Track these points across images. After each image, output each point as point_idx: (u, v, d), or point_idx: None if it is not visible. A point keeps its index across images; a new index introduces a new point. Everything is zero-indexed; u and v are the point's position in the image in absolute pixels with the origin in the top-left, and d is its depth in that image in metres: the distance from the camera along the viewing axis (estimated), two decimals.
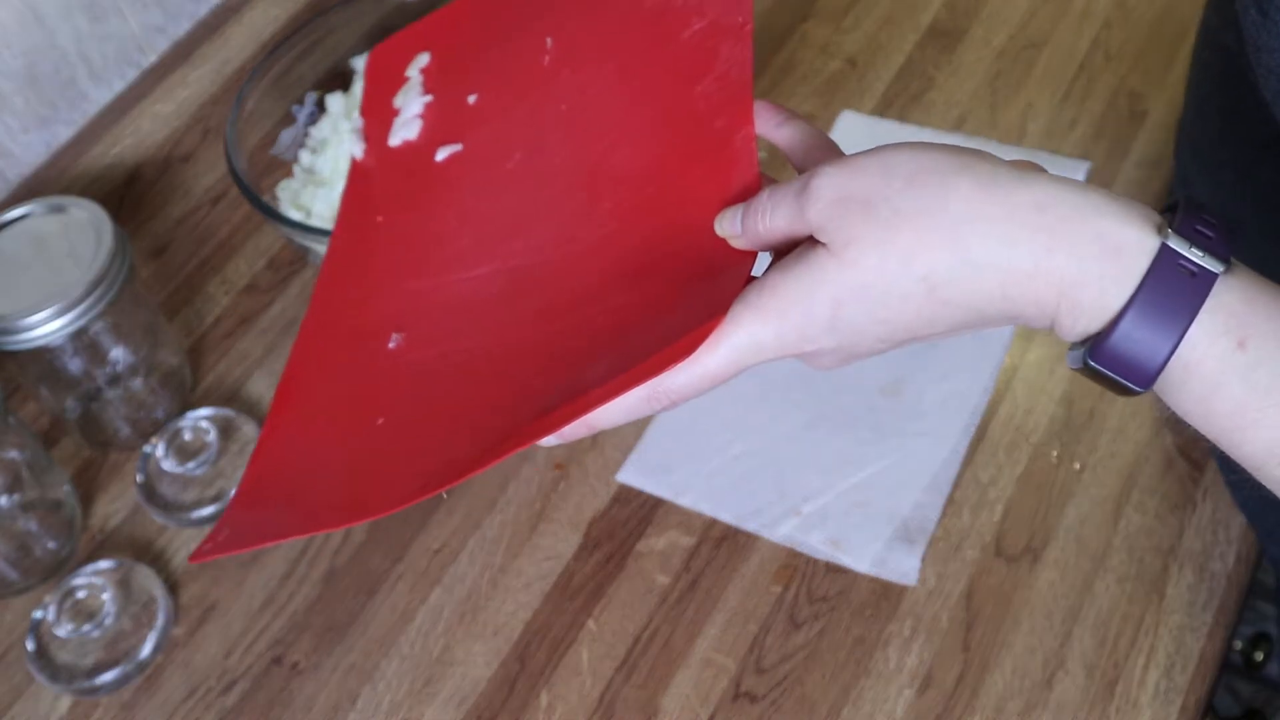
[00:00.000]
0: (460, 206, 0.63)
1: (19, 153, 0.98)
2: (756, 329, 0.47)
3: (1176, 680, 0.68)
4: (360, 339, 0.60)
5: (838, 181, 0.46)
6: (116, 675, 0.73)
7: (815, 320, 0.46)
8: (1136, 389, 0.44)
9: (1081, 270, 0.43)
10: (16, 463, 0.75)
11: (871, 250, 0.45)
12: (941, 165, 0.45)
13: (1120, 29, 0.97)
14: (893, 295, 0.45)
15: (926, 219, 0.44)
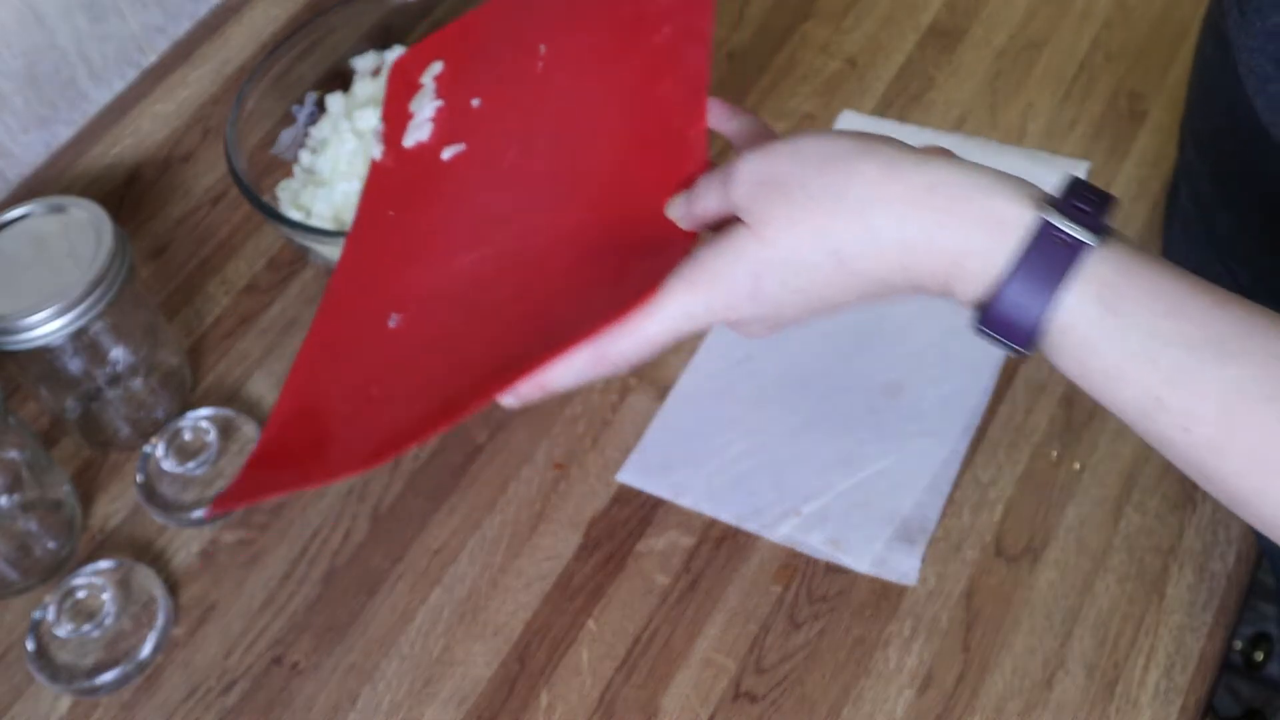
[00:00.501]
0: (460, 200, 0.69)
1: (19, 153, 0.98)
2: (687, 299, 0.53)
3: (1176, 680, 0.68)
4: (365, 321, 0.66)
5: (756, 166, 0.52)
6: (116, 675, 0.73)
7: (737, 291, 0.52)
8: (1021, 350, 0.49)
9: (968, 242, 0.48)
10: (16, 463, 0.75)
11: (785, 229, 0.51)
12: (848, 151, 0.51)
13: (1120, 29, 0.97)
14: (806, 268, 0.51)
15: (834, 200, 0.50)
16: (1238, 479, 0.46)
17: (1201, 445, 0.46)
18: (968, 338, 0.82)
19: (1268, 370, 0.45)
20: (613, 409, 0.81)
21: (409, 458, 0.80)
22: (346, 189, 0.82)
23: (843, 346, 0.82)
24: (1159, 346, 0.46)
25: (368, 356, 0.65)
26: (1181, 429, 0.46)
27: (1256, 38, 0.59)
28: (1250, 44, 0.60)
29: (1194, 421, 0.46)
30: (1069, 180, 0.49)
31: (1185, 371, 0.46)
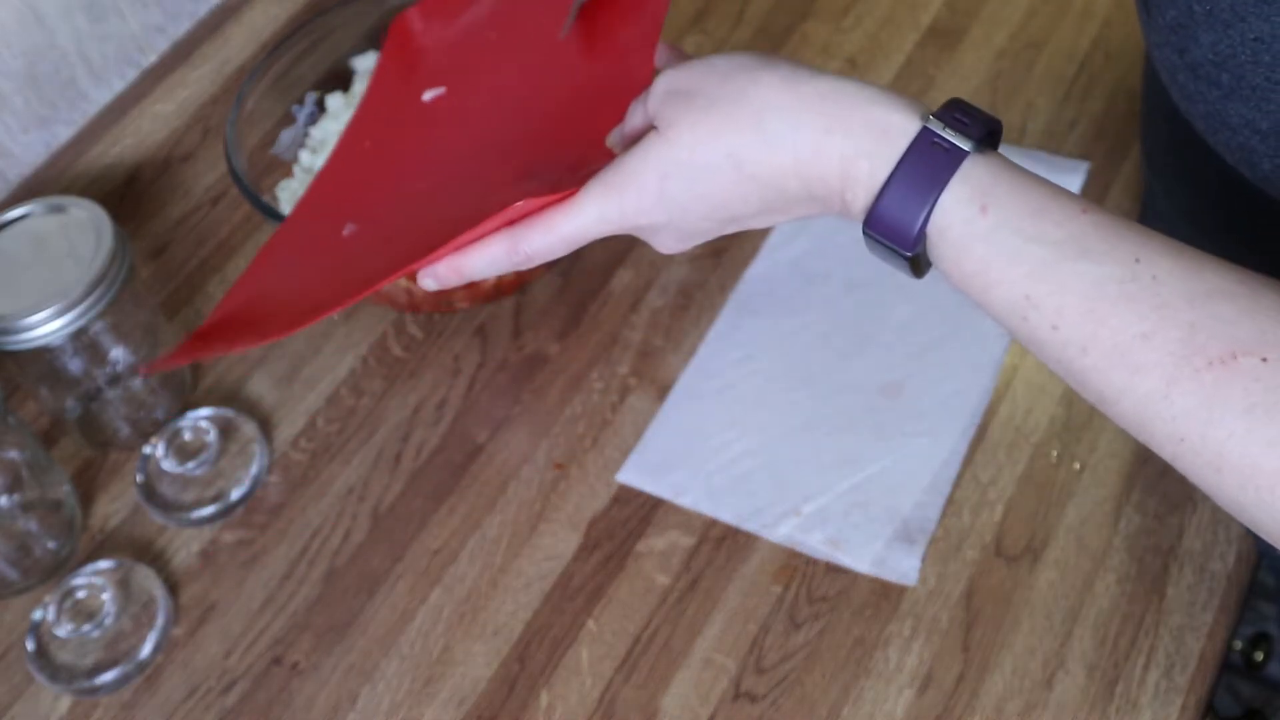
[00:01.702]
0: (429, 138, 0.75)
1: (19, 153, 0.98)
2: (602, 200, 0.56)
3: (1176, 680, 0.68)
4: (321, 230, 0.72)
5: (670, 78, 0.56)
6: (116, 675, 0.73)
7: (646, 192, 0.55)
8: (904, 252, 0.51)
9: (855, 148, 0.51)
10: (16, 463, 0.75)
11: (687, 130, 0.53)
12: (752, 63, 0.54)
13: (1120, 29, 0.97)
14: (706, 170, 0.53)
15: (733, 105, 0.53)
16: (1101, 376, 0.47)
17: (1069, 344, 0.48)
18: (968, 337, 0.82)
19: (1127, 269, 0.47)
20: (613, 409, 0.81)
21: (409, 457, 0.80)
22: None
23: (843, 346, 0.82)
24: (1024, 244, 0.48)
25: (318, 259, 0.70)
26: (1050, 327, 0.48)
27: (1161, 33, 0.61)
28: (1157, 40, 0.62)
29: (1060, 319, 0.48)
30: (951, 100, 0.52)
31: (1049, 268, 0.48)
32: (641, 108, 0.57)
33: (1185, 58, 0.60)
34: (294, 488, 0.80)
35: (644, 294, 0.86)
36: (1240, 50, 0.55)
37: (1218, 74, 0.57)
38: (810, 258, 0.86)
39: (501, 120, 0.71)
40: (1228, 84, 0.57)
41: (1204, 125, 0.62)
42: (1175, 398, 0.45)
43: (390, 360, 0.85)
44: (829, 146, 0.51)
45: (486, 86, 0.74)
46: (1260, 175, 0.59)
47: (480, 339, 0.85)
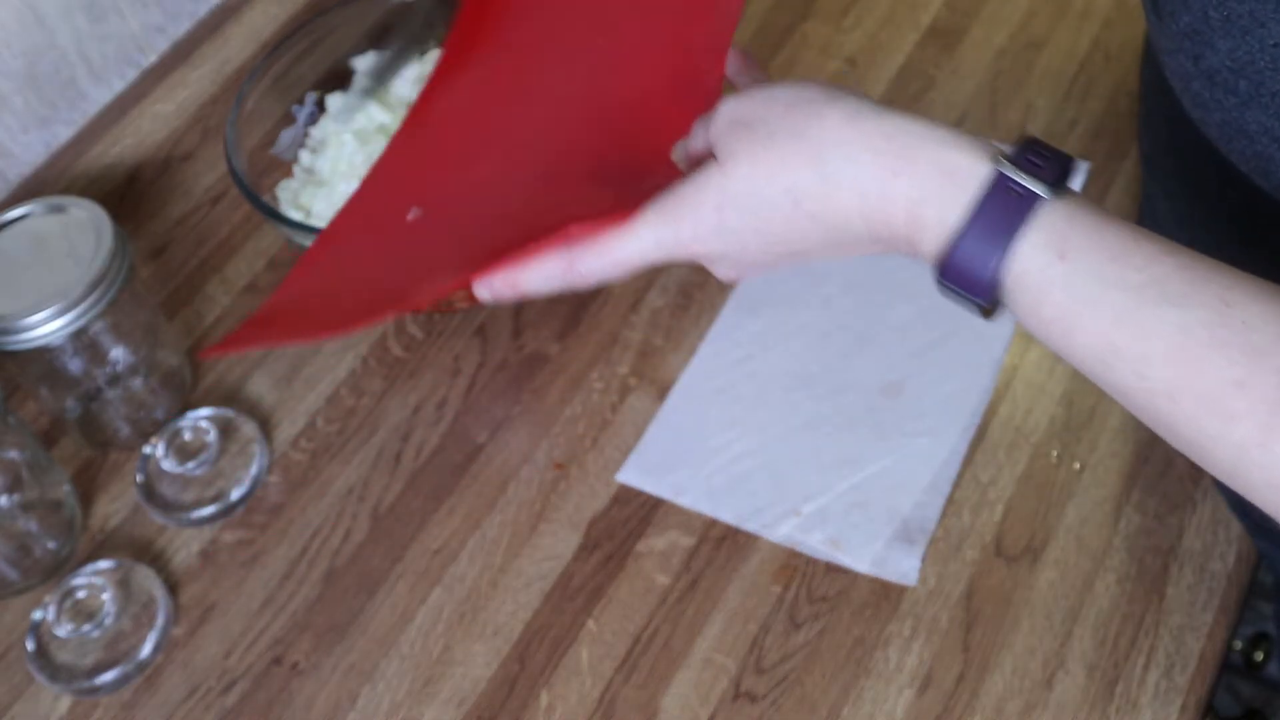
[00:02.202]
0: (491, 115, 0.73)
1: (19, 153, 0.98)
2: (659, 226, 0.55)
3: (1176, 680, 0.68)
4: (386, 210, 0.70)
5: (732, 107, 0.55)
6: (116, 675, 0.73)
7: (703, 223, 0.54)
8: (980, 302, 0.50)
9: (922, 192, 0.49)
10: (16, 463, 0.75)
11: (746, 163, 0.52)
12: (815, 97, 0.52)
13: (1120, 29, 0.97)
14: (764, 205, 0.52)
15: (794, 140, 0.52)
16: (1191, 424, 0.46)
17: (1156, 392, 0.46)
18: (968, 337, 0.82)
19: (1215, 313, 0.45)
20: (613, 409, 0.81)
21: (409, 457, 0.80)
22: (346, 189, 0.82)
23: (843, 346, 0.82)
24: (1104, 289, 0.47)
25: (381, 244, 0.69)
26: (1136, 375, 0.47)
27: (1174, 39, 0.60)
28: (1169, 46, 0.61)
29: (1146, 367, 0.46)
30: (1024, 138, 0.51)
31: (1132, 314, 0.46)
32: (704, 130, 0.56)
33: (1200, 64, 0.58)
34: (294, 488, 0.80)
35: (644, 294, 0.86)
36: (1259, 57, 0.54)
37: (1235, 81, 0.56)
38: None
39: (570, 108, 0.69)
40: (1245, 91, 0.56)
41: (1218, 133, 0.61)
42: (1273, 445, 0.44)
43: (390, 360, 0.85)
44: (894, 189, 0.50)
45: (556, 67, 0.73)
46: (1275, 184, 0.58)
47: (480, 339, 0.85)
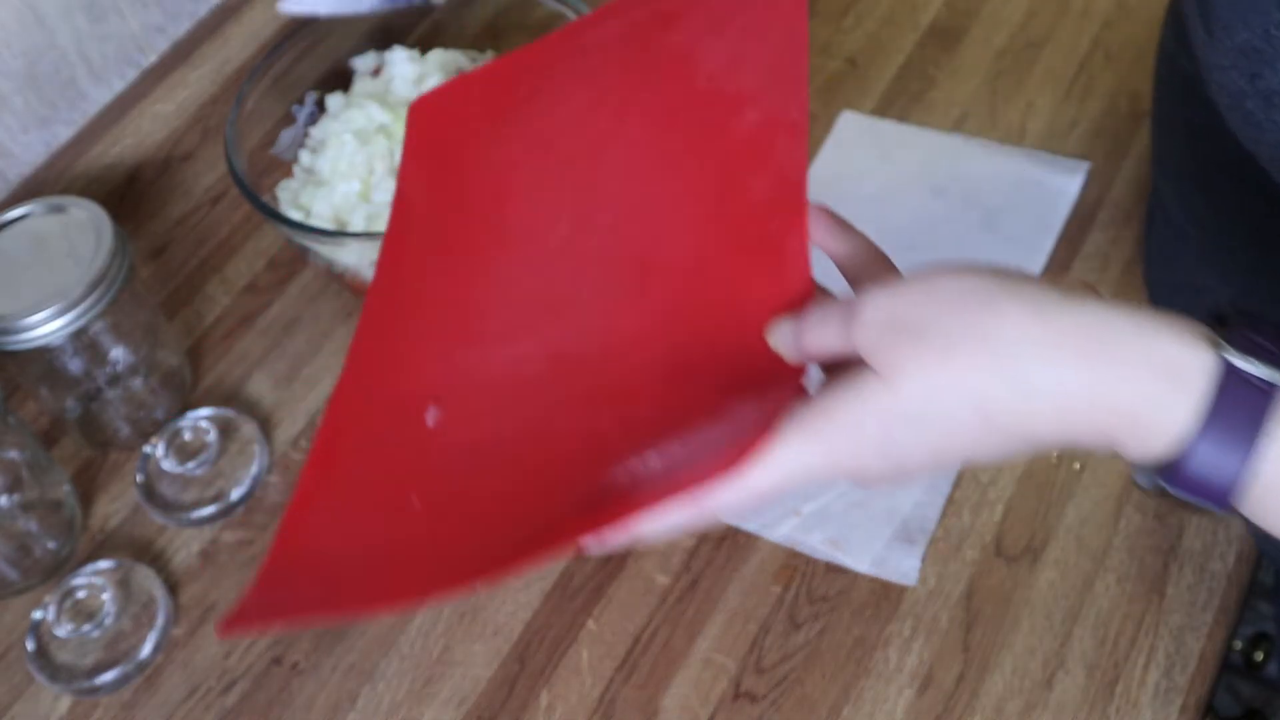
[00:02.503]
0: (503, 275, 0.60)
1: (19, 153, 0.98)
2: (806, 450, 0.46)
3: (1176, 680, 0.68)
4: (397, 408, 0.57)
5: (883, 306, 0.46)
6: (116, 675, 0.73)
7: (865, 444, 0.46)
8: (1215, 509, 0.44)
9: (1140, 395, 0.43)
10: (16, 463, 0.75)
11: (920, 377, 0.45)
12: (988, 289, 0.45)
13: (1120, 29, 0.97)
14: (944, 422, 0.45)
15: (975, 346, 0.44)
16: None
17: None
18: None
19: None
20: None
21: None
22: (346, 189, 0.82)
23: None
24: None
25: (402, 455, 0.56)
26: None
27: (1227, 56, 0.57)
28: (1221, 63, 0.58)
29: None
30: (1228, 308, 0.44)
31: None
32: (839, 327, 0.47)
33: (1257, 84, 0.56)
34: (294, 488, 0.80)
35: None
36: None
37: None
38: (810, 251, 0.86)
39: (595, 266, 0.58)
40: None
41: (1270, 153, 0.58)
42: None
43: None
44: (1104, 394, 0.43)
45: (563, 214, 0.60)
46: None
47: None
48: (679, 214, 0.57)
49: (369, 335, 0.61)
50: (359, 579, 0.52)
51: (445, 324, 0.59)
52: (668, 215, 0.57)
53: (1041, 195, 0.87)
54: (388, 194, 0.81)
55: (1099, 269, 0.83)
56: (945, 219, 0.86)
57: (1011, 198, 0.87)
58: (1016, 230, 0.85)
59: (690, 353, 0.53)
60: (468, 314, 0.59)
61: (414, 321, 0.60)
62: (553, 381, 0.55)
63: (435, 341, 0.59)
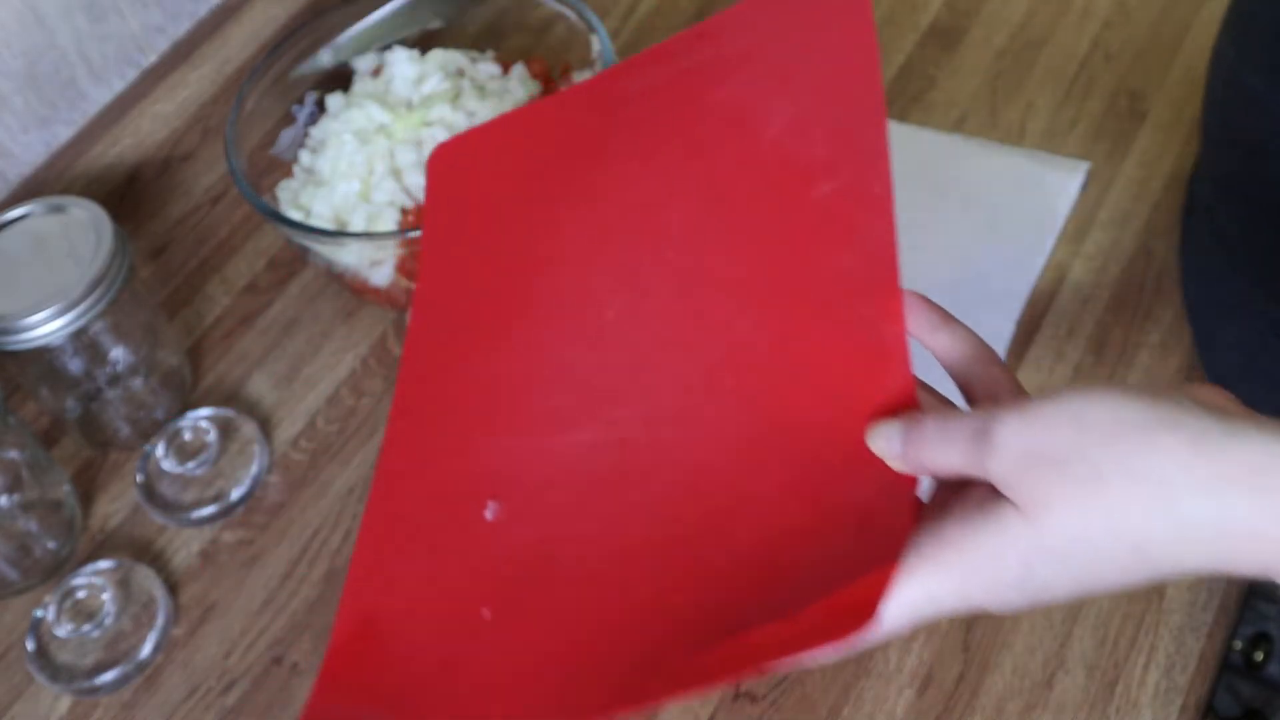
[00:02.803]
0: (553, 351, 0.55)
1: (19, 153, 0.98)
2: (935, 585, 0.44)
3: (1176, 680, 0.68)
4: (452, 501, 0.53)
5: (1023, 435, 0.43)
6: (116, 675, 0.73)
7: (1003, 581, 0.43)
8: None
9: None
10: (16, 463, 0.75)
11: (1070, 514, 0.42)
12: (1143, 419, 0.42)
13: (1120, 29, 0.97)
14: (1094, 559, 0.42)
15: (1132, 481, 0.41)
16: None
17: None
18: None
19: None
20: None
21: None
22: (346, 189, 0.82)
23: None
24: None
25: (466, 557, 0.51)
26: None
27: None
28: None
29: None
30: None
31: None
32: (968, 449, 0.44)
33: None
34: (294, 488, 0.80)
35: None
36: None
37: None
38: None
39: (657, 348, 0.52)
40: None
41: None
42: None
43: (390, 360, 0.85)
44: (1268, 526, 0.40)
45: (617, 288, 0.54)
46: None
47: None
48: (752, 290, 0.51)
49: (408, 411, 0.56)
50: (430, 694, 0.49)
51: (492, 405, 0.54)
52: (739, 291, 0.52)
53: (1041, 195, 0.87)
54: (388, 194, 0.81)
55: (1099, 269, 0.83)
56: (945, 219, 0.86)
57: (1011, 198, 0.87)
58: (1016, 230, 0.85)
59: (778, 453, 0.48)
60: (516, 395, 0.54)
61: (456, 399, 0.55)
62: (622, 478, 0.50)
63: (483, 425, 0.54)
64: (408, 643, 0.50)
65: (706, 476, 0.49)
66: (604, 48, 0.84)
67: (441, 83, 0.85)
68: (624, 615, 0.47)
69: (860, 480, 0.46)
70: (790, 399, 0.49)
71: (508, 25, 0.92)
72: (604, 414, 0.52)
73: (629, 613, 0.47)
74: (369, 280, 0.82)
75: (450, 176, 0.61)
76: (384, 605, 0.51)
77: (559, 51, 0.90)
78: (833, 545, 0.44)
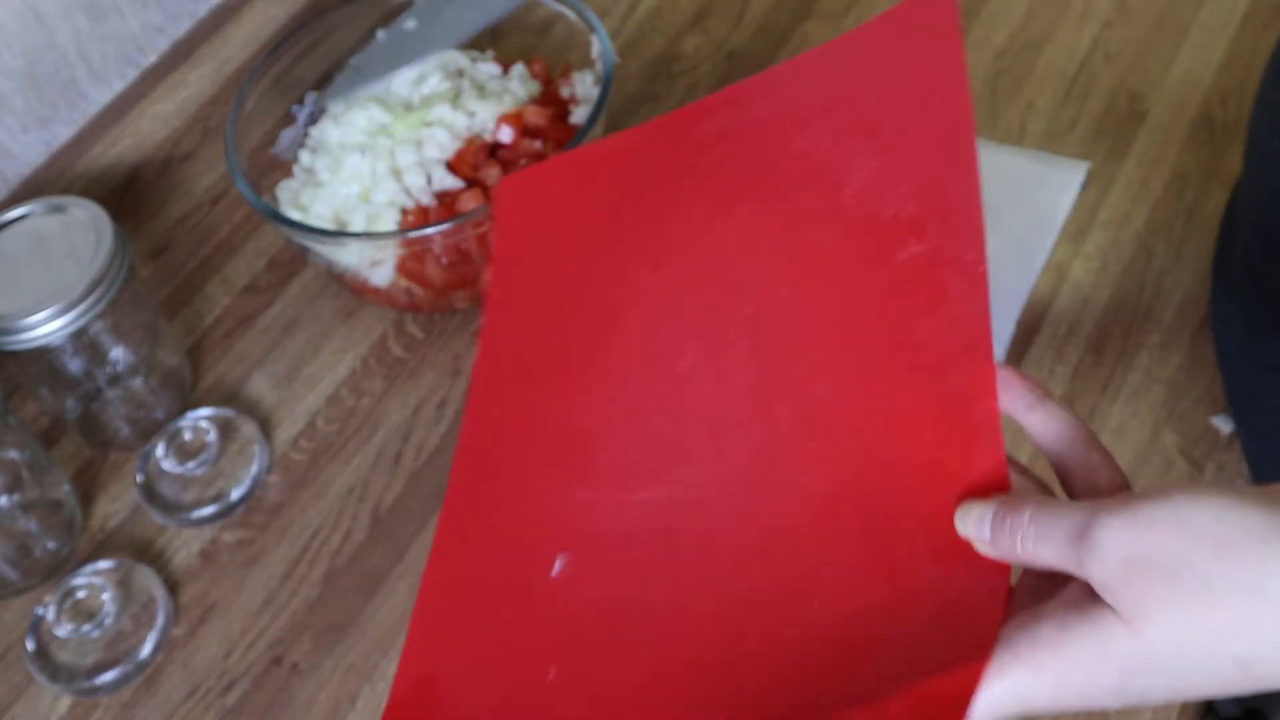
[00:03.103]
0: (626, 402, 0.53)
1: (19, 153, 0.98)
2: (1027, 686, 0.42)
3: None
4: (519, 551, 0.51)
5: (1127, 539, 0.41)
6: (116, 675, 0.73)
7: (1099, 687, 0.42)
8: None
9: None
10: (16, 463, 0.75)
11: (1176, 628, 0.40)
12: (1258, 530, 0.40)
13: (1120, 29, 0.97)
14: (1198, 673, 0.41)
15: (1244, 596, 0.39)
16: None
17: None
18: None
19: None
20: None
21: (409, 457, 0.80)
22: (346, 190, 0.82)
23: None
24: None
25: (530, 613, 0.50)
26: None
27: None
28: None
29: None
30: None
31: None
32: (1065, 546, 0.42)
33: None
34: (294, 488, 0.80)
35: None
36: None
37: None
38: None
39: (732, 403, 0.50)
40: None
41: None
42: None
43: (390, 360, 0.85)
44: None
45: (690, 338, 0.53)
46: None
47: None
48: (832, 352, 0.50)
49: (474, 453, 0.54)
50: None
51: (561, 455, 0.53)
52: (818, 351, 0.50)
53: (1041, 195, 0.87)
54: (388, 194, 0.81)
55: (1098, 269, 0.83)
56: None
57: (1011, 198, 0.87)
58: (1016, 230, 0.85)
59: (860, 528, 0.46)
60: (586, 445, 0.53)
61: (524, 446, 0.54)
62: (695, 539, 0.49)
63: (552, 476, 0.53)
64: (468, 701, 0.49)
65: (781, 543, 0.47)
66: (604, 48, 0.84)
67: (441, 83, 0.85)
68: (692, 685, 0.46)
69: (945, 562, 0.44)
70: (873, 469, 0.47)
71: (508, 25, 0.92)
72: (677, 471, 0.50)
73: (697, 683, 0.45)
74: (369, 280, 0.82)
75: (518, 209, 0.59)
76: (445, 661, 0.50)
77: (559, 51, 0.90)
78: (914, 628, 0.43)
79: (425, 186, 0.82)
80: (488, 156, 0.83)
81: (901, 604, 0.44)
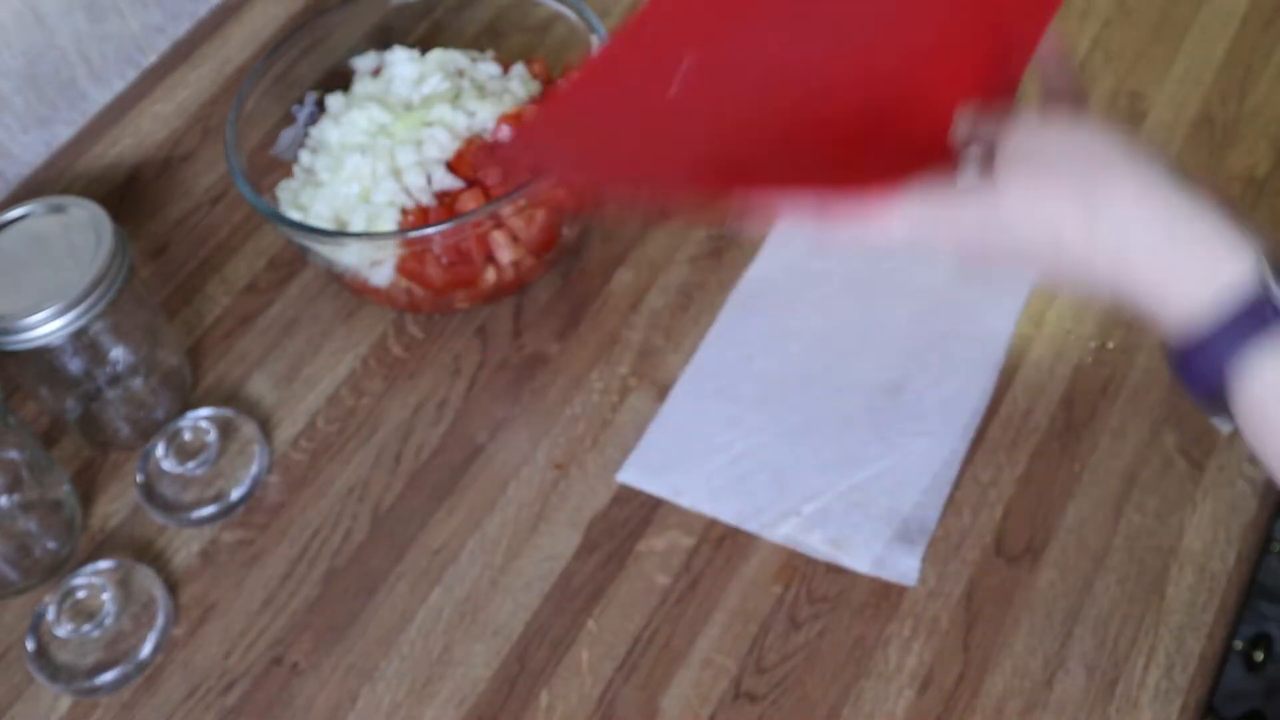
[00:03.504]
0: (752, 29, 0.67)
1: (19, 153, 0.98)
2: (916, 213, 0.55)
3: (1176, 680, 0.68)
4: (660, 48, 0.66)
5: (1027, 137, 0.54)
6: (116, 675, 0.73)
7: (963, 232, 0.55)
8: (1204, 401, 0.51)
9: (1177, 279, 0.50)
10: (16, 463, 0.75)
11: (1019, 190, 0.53)
12: (1114, 155, 0.52)
13: (1120, 29, 0.97)
14: (1026, 232, 0.53)
15: (1074, 180, 0.52)
16: None
17: None
18: (968, 338, 0.82)
19: None
20: (613, 409, 0.81)
21: (409, 457, 0.80)
22: (346, 190, 0.82)
23: (843, 346, 0.82)
24: None
25: (651, 94, 0.65)
26: None
27: None
28: None
29: None
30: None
31: None
32: (996, 140, 0.55)
33: None
34: (294, 488, 0.80)
35: (644, 294, 0.86)
36: None
37: None
38: (810, 258, 0.86)
39: (855, 39, 0.64)
40: None
41: None
42: None
43: (390, 360, 0.85)
44: (1152, 262, 0.51)
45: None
46: None
47: (480, 339, 0.85)
48: (934, 14, 0.62)
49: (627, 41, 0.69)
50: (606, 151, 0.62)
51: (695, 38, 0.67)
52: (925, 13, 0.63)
53: None
54: (388, 194, 0.81)
55: None
56: None
57: None
58: None
59: (883, 113, 0.60)
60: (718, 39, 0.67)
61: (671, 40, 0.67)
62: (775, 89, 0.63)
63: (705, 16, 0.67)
64: (602, 105, 0.64)
65: (830, 94, 0.62)
66: None
67: (441, 83, 0.85)
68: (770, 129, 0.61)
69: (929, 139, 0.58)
70: (913, 81, 0.61)
71: (508, 25, 0.93)
72: (768, 65, 0.65)
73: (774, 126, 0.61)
74: (369, 280, 0.82)
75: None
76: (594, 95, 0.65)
77: (559, 51, 0.90)
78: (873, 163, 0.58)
79: (425, 186, 0.82)
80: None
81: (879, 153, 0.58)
